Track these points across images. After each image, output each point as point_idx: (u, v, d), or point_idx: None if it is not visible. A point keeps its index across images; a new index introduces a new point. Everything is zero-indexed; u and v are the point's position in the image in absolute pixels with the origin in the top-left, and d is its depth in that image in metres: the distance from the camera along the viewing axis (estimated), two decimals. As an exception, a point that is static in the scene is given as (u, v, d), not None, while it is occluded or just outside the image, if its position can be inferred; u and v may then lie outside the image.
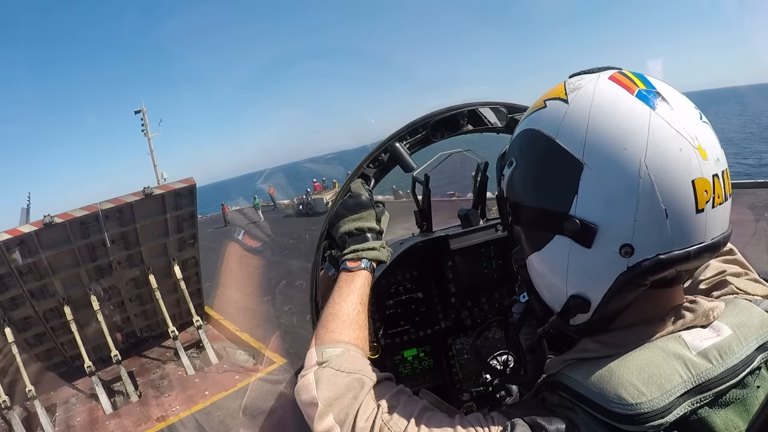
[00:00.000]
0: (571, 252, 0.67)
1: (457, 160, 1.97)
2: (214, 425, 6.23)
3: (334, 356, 0.86)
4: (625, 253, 0.63)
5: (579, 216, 0.64)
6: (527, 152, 0.72)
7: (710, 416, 0.63)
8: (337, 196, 1.19)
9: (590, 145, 0.63)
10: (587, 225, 0.63)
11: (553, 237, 0.68)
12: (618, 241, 0.63)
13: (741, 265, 0.94)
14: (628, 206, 0.61)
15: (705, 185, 0.62)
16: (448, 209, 2.63)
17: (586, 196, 0.64)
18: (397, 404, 0.78)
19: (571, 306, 0.70)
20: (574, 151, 0.64)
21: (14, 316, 6.99)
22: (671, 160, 0.61)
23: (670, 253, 0.62)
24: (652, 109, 0.63)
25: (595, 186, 0.63)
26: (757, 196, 9.70)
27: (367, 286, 1.02)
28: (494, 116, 1.32)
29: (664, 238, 0.62)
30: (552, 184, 0.67)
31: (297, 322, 8.35)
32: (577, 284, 0.69)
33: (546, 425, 0.65)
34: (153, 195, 7.13)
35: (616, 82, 0.67)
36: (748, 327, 0.68)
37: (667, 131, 0.62)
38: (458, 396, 1.70)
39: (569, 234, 0.65)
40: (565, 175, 0.65)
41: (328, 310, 0.96)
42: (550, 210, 0.67)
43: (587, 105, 0.66)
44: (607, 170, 0.62)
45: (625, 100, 0.65)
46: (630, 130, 0.62)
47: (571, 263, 0.68)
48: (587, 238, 0.64)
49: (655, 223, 0.61)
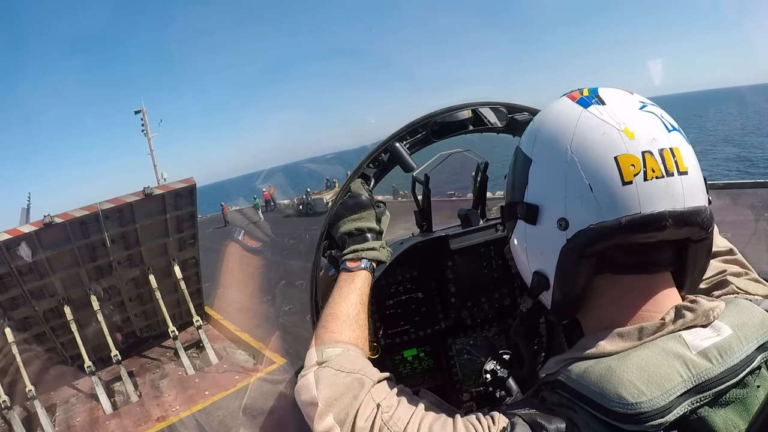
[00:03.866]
0: (527, 232, 0.78)
1: (457, 160, 1.97)
2: (214, 425, 6.23)
3: (334, 356, 0.86)
4: (560, 226, 0.71)
5: (528, 200, 0.76)
6: (510, 164, 0.86)
7: (710, 416, 0.63)
8: (337, 196, 1.19)
9: (537, 144, 0.76)
10: (532, 206, 0.75)
11: (516, 222, 0.80)
12: (555, 216, 0.72)
13: (741, 264, 0.94)
14: (559, 185, 0.71)
15: (631, 160, 0.68)
16: (448, 209, 2.63)
17: (532, 184, 0.76)
18: (397, 404, 0.78)
19: (534, 283, 0.79)
20: (527, 151, 0.78)
21: (14, 316, 6.98)
22: (594, 142, 0.70)
23: (600, 223, 0.68)
24: (584, 108, 0.73)
25: (537, 174, 0.75)
26: (757, 196, 9.70)
27: (366, 286, 1.02)
28: (494, 116, 1.32)
29: (593, 209, 0.69)
30: (516, 181, 0.80)
31: (297, 322, 8.35)
32: (535, 261, 0.79)
33: (546, 424, 0.65)
34: (153, 195, 7.12)
35: (568, 95, 0.79)
36: (749, 326, 0.68)
37: (592, 121, 0.71)
38: (458, 396, 1.70)
39: (521, 216, 0.78)
40: (522, 171, 0.78)
41: (328, 310, 0.96)
42: (514, 202, 0.80)
43: (542, 116, 0.80)
44: (544, 159, 0.74)
45: (564, 106, 0.77)
46: (562, 125, 0.74)
47: (528, 242, 0.79)
48: (532, 216, 0.75)
49: (582, 197, 0.69)
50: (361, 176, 1.23)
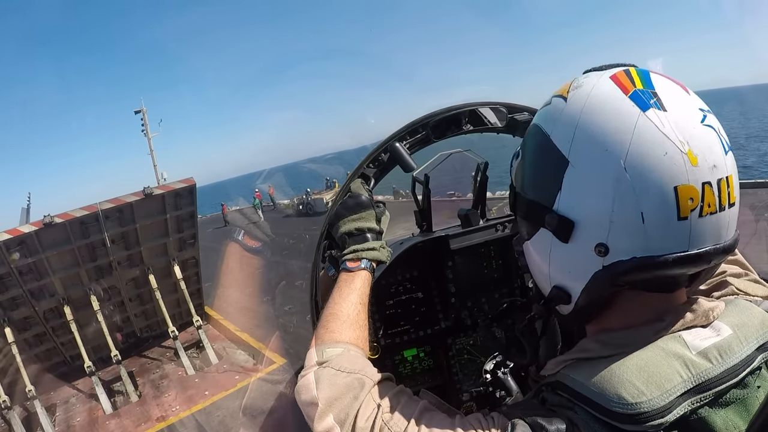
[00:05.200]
0: (553, 245, 0.70)
1: (457, 160, 1.97)
2: (214, 425, 6.22)
3: (334, 356, 0.86)
4: (599, 252, 0.64)
5: (560, 211, 0.66)
6: (528, 146, 0.76)
7: (710, 416, 0.63)
8: (337, 196, 1.19)
9: (577, 143, 0.65)
10: (566, 220, 0.66)
11: (539, 229, 0.71)
12: (594, 239, 0.64)
13: (741, 265, 0.94)
14: (604, 206, 0.62)
15: (690, 192, 0.60)
16: (448, 209, 2.63)
17: (568, 193, 0.66)
18: (397, 404, 0.78)
19: (553, 296, 0.74)
20: (562, 148, 0.66)
21: (14, 316, 6.98)
22: (653, 164, 0.60)
23: (646, 257, 0.62)
24: (642, 111, 0.62)
25: (576, 183, 0.65)
26: (757, 196, 9.68)
27: (367, 286, 1.02)
28: (494, 116, 1.32)
29: (640, 241, 0.62)
30: (542, 178, 0.71)
31: (297, 322, 8.34)
32: (558, 276, 0.72)
33: (546, 425, 0.64)
34: (153, 195, 7.12)
35: (615, 81, 0.67)
36: (749, 327, 0.68)
37: (654, 134, 0.61)
38: (458, 396, 1.70)
39: (549, 228, 0.68)
40: (553, 171, 0.67)
41: (328, 310, 0.96)
42: (538, 203, 0.70)
43: (581, 103, 0.67)
44: (588, 169, 0.64)
45: (616, 100, 0.64)
46: (615, 130, 0.62)
47: (552, 256, 0.71)
48: (565, 233, 0.67)
49: (630, 226, 0.61)
50: (361, 176, 1.23)
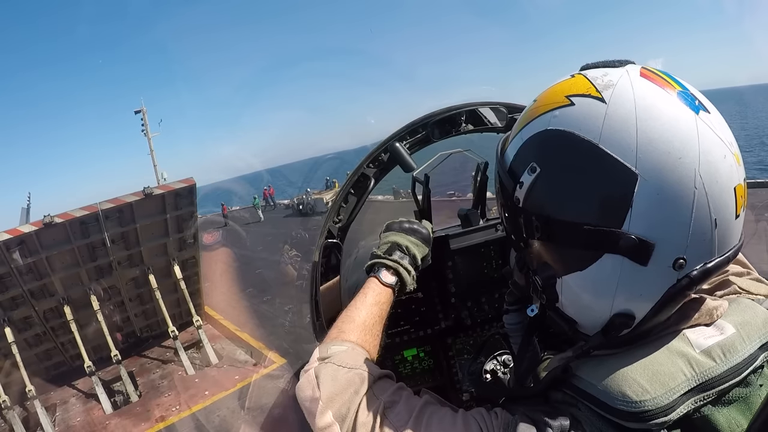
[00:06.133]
0: (623, 270, 0.61)
1: (457, 160, 1.97)
2: (215, 425, 6.22)
3: (338, 353, 0.86)
4: (679, 266, 0.60)
5: (634, 232, 0.58)
6: (560, 158, 0.63)
7: (713, 414, 0.63)
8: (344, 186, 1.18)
9: (643, 154, 0.57)
10: (645, 242, 0.58)
11: (602, 256, 0.61)
12: (673, 255, 0.59)
13: (742, 264, 0.94)
14: (684, 219, 0.58)
15: (741, 191, 0.61)
16: (448, 209, 2.63)
17: (641, 211, 0.58)
18: (398, 399, 0.78)
19: (616, 324, 0.65)
20: (624, 159, 0.58)
21: (14, 316, 6.97)
22: (719, 169, 0.59)
23: (713, 261, 0.61)
24: (695, 114, 0.60)
25: (651, 199, 0.58)
26: (757, 196, 9.68)
27: (389, 303, 1.02)
28: (494, 116, 1.32)
29: (710, 247, 0.61)
30: (600, 197, 0.60)
31: (297, 322, 8.35)
32: (624, 302, 0.64)
33: (550, 422, 0.64)
34: (153, 195, 7.11)
35: (651, 79, 0.62)
36: (752, 326, 0.68)
37: (713, 138, 0.59)
38: (458, 396, 1.70)
39: (624, 252, 0.59)
40: (617, 187, 0.58)
41: (347, 312, 0.96)
42: (598, 227, 0.60)
43: (630, 106, 0.60)
44: (665, 182, 0.57)
45: (669, 103, 0.60)
46: (682, 137, 0.58)
47: (621, 282, 0.62)
48: (644, 255, 0.59)
49: (706, 234, 0.59)
50: (361, 176, 1.23)
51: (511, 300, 0.87)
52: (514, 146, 0.71)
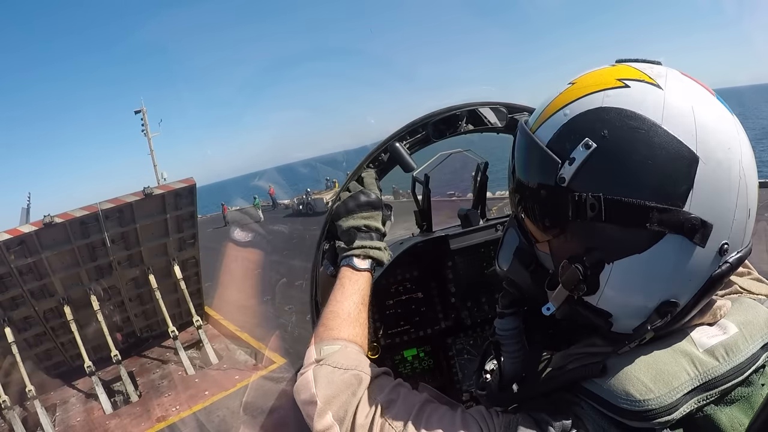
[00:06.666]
0: (681, 252, 0.61)
1: (457, 160, 1.97)
2: (215, 425, 6.23)
3: (332, 353, 0.86)
4: (724, 251, 0.62)
5: (694, 212, 0.59)
6: (624, 133, 0.61)
7: (716, 414, 0.63)
8: (345, 183, 1.19)
9: (702, 139, 0.60)
10: (706, 223, 0.59)
11: (663, 236, 0.60)
12: (722, 239, 0.61)
13: (743, 264, 0.94)
14: (731, 205, 0.61)
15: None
16: (448, 209, 2.63)
17: (700, 192, 0.59)
18: (396, 398, 0.78)
19: (662, 312, 0.64)
20: (687, 141, 0.59)
21: (14, 316, 6.98)
22: (752, 165, 0.64)
23: (743, 249, 0.65)
24: (728, 110, 0.65)
25: (708, 181, 0.59)
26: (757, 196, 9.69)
27: (369, 286, 1.02)
28: (494, 116, 1.32)
29: (742, 236, 0.64)
30: (665, 175, 0.59)
31: (297, 322, 8.35)
32: (673, 287, 0.63)
33: (552, 420, 0.64)
34: (153, 195, 7.12)
35: (692, 79, 0.66)
36: (754, 325, 0.68)
37: (743, 133, 0.65)
38: (458, 396, 1.70)
39: (687, 233, 0.59)
40: (682, 167, 0.59)
41: (329, 307, 0.96)
42: (662, 205, 0.59)
43: (687, 96, 0.62)
44: (720, 167, 0.60)
45: (710, 98, 0.64)
46: (728, 130, 0.63)
47: (677, 265, 0.62)
48: (704, 236, 0.60)
49: (743, 222, 0.63)
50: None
51: (506, 303, 0.80)
52: (554, 124, 0.66)
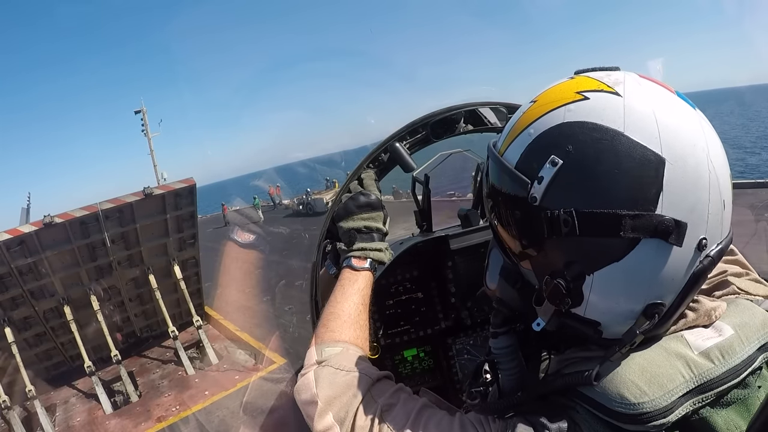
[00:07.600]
0: (658, 255, 0.62)
1: (457, 160, 1.97)
2: (215, 425, 6.23)
3: (333, 355, 0.86)
4: (702, 246, 0.63)
5: (667, 214, 0.61)
6: (587, 147, 0.62)
7: (711, 416, 0.63)
8: (344, 185, 1.19)
9: (666, 140, 0.61)
10: (680, 222, 0.60)
11: (639, 242, 0.61)
12: (698, 235, 0.62)
13: (741, 265, 0.94)
14: (704, 200, 0.62)
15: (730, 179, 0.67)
16: (448, 209, 2.63)
17: (670, 193, 0.60)
18: (396, 402, 0.78)
19: (649, 315, 0.64)
20: (651, 145, 0.60)
21: (14, 316, 6.98)
22: (720, 156, 0.65)
23: (723, 240, 0.65)
24: (693, 109, 0.66)
25: (677, 182, 0.60)
26: (757, 196, 9.68)
27: (369, 286, 1.02)
28: (494, 116, 1.32)
29: (720, 227, 0.65)
30: (634, 182, 0.60)
31: (297, 322, 8.35)
32: (656, 289, 0.64)
33: (548, 424, 0.64)
34: (153, 195, 7.11)
35: (651, 80, 0.67)
36: (750, 327, 0.68)
37: (710, 129, 0.66)
38: (458, 396, 1.70)
39: (663, 235, 0.60)
40: (648, 172, 0.60)
41: (330, 308, 0.96)
42: (634, 212, 0.60)
43: (646, 100, 0.63)
44: (687, 165, 0.61)
45: (674, 98, 0.65)
46: (691, 127, 0.64)
47: (656, 267, 0.62)
48: (680, 235, 0.61)
49: (719, 214, 0.64)
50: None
51: (497, 321, 0.79)
52: (520, 144, 0.68)
